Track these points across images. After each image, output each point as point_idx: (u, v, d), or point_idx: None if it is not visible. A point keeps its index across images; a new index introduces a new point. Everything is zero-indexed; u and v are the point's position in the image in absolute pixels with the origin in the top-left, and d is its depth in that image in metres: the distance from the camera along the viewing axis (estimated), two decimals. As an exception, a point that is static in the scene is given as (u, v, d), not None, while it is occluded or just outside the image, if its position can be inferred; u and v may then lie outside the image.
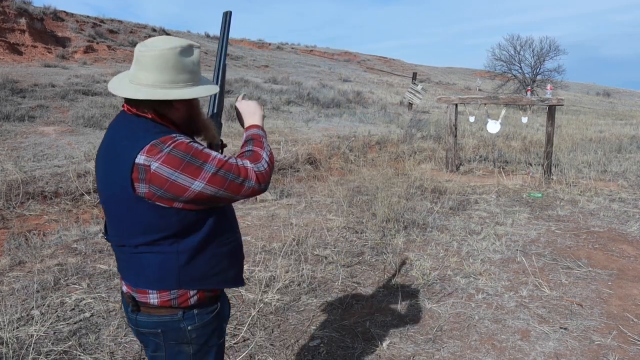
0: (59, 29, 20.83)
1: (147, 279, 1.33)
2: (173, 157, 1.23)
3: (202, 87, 1.38)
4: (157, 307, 1.35)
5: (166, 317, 1.35)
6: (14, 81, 11.51)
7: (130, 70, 1.34)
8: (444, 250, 4.31)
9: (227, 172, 1.29)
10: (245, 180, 1.32)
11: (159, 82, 1.29)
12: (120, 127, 1.35)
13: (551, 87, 7.86)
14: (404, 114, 15.26)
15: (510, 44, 28.10)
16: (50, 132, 8.22)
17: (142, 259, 1.33)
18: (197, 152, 1.26)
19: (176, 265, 1.32)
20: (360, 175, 7.30)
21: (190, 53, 1.34)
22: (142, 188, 1.24)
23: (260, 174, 1.35)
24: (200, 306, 1.39)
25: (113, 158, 1.30)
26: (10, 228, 4.55)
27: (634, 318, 3.12)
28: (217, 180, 1.27)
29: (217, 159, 1.29)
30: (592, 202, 5.99)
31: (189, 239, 1.33)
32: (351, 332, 2.92)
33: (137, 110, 1.33)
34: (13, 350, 2.51)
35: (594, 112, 24.80)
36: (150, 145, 1.23)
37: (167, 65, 1.29)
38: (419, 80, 21.01)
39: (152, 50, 1.28)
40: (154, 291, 1.34)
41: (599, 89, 56.24)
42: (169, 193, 1.24)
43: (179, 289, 1.34)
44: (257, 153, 1.40)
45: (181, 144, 1.26)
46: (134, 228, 1.31)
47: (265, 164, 1.38)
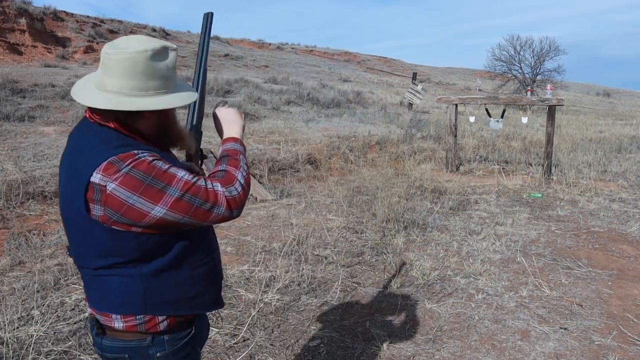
0: (59, 29, 20.83)
1: (110, 302, 1.21)
2: (131, 178, 1.09)
3: (176, 95, 1.22)
4: (121, 330, 1.22)
5: (133, 342, 1.23)
6: (14, 81, 11.52)
7: (97, 72, 1.20)
8: (444, 251, 4.31)
9: (193, 196, 1.14)
10: (214, 206, 1.16)
11: (126, 88, 1.15)
12: (80, 138, 1.21)
13: (551, 87, 7.86)
14: (404, 114, 15.26)
15: (510, 44, 28.11)
16: (50, 132, 8.22)
17: (104, 282, 1.20)
18: (160, 174, 1.12)
19: (141, 289, 1.19)
20: (360, 176, 7.30)
21: (164, 56, 1.19)
22: (96, 210, 1.11)
23: (233, 198, 1.19)
24: (171, 331, 1.26)
25: (71, 174, 1.16)
26: (10, 228, 4.55)
27: (634, 318, 3.12)
28: (181, 206, 1.13)
29: (183, 181, 1.14)
30: (592, 202, 5.99)
31: (154, 262, 1.19)
32: (351, 332, 2.92)
33: (100, 118, 1.19)
34: (13, 350, 2.51)
35: (594, 112, 24.80)
36: (107, 163, 1.10)
37: (136, 70, 1.14)
38: (419, 80, 21.02)
39: (119, 54, 1.13)
40: (118, 316, 1.21)
41: (599, 89, 56.23)
42: (125, 218, 1.11)
43: (145, 315, 1.21)
44: (231, 174, 1.24)
45: (142, 163, 1.11)
46: (91, 250, 1.18)
47: (239, 187, 1.22)
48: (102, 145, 1.14)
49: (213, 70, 20.86)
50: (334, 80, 25.00)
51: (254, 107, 13.25)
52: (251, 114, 12.29)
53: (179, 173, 1.15)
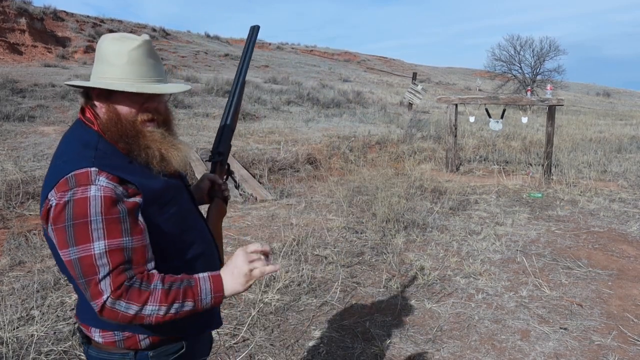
0: (59, 28, 20.83)
1: (89, 315, 1.14)
2: (63, 210, 1.00)
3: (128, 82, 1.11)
4: (102, 344, 1.16)
5: (116, 356, 1.16)
6: (14, 81, 11.52)
7: None
8: (444, 251, 4.31)
9: (82, 274, 1.01)
10: (92, 300, 1.02)
11: (93, 73, 1.15)
12: (63, 141, 1.16)
13: (551, 87, 7.86)
14: (404, 114, 15.26)
15: (510, 44, 28.10)
16: (50, 132, 8.22)
17: (81, 293, 1.13)
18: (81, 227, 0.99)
19: None
20: (360, 176, 7.30)
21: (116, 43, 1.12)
22: (50, 230, 1.04)
23: (111, 311, 1.01)
24: (156, 347, 1.17)
25: (45, 183, 1.09)
26: (10, 228, 4.55)
27: (634, 318, 3.12)
28: (71, 268, 1.02)
29: (89, 254, 0.99)
30: (592, 203, 5.99)
31: None
32: (351, 332, 2.92)
33: (89, 116, 1.15)
34: (13, 350, 2.51)
35: (594, 112, 24.80)
36: (65, 179, 1.02)
37: (99, 54, 1.13)
38: (419, 80, 21.02)
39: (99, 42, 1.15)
40: (96, 329, 1.15)
41: (599, 89, 56.22)
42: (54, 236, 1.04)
43: (122, 331, 1.14)
44: (146, 297, 1.02)
45: (83, 203, 0.99)
46: (61, 264, 1.10)
47: (134, 311, 1.01)
48: (75, 153, 1.08)
49: (213, 70, 20.87)
50: (334, 80, 25.00)
51: (254, 107, 13.25)
52: (251, 114, 12.29)
53: (97, 242, 1.00)
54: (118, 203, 1.03)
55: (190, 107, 12.73)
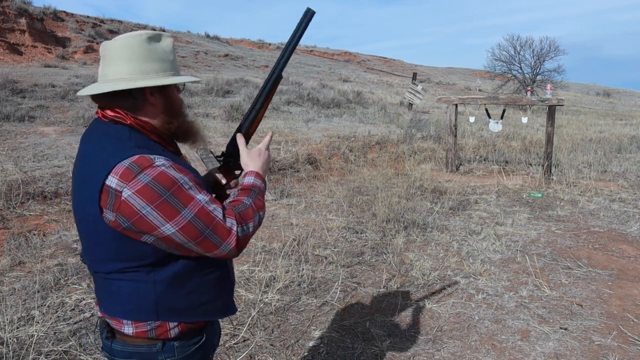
0: (59, 29, 20.84)
1: (121, 307, 1.19)
2: (150, 189, 1.07)
3: (176, 77, 1.22)
4: (131, 336, 1.21)
5: (143, 348, 1.21)
6: (14, 81, 11.52)
7: (100, 72, 1.22)
8: (444, 251, 4.31)
9: (206, 225, 1.11)
10: (222, 243, 1.13)
11: (125, 73, 1.15)
12: (93, 139, 1.19)
13: (551, 87, 7.86)
14: (404, 114, 15.27)
15: (510, 44, 28.11)
16: (50, 133, 8.23)
17: (115, 287, 1.19)
18: (179, 191, 1.09)
19: (153, 295, 1.18)
20: (360, 176, 7.30)
21: (158, 39, 1.21)
22: (109, 215, 1.09)
23: (244, 238, 1.17)
24: (182, 338, 1.24)
25: (85, 174, 1.14)
26: (10, 228, 4.55)
27: (634, 318, 3.12)
28: (190, 231, 1.10)
29: (200, 205, 1.11)
30: (592, 203, 5.99)
31: (166, 268, 1.18)
32: (351, 332, 2.92)
33: (114, 114, 1.18)
34: (13, 350, 2.51)
35: (594, 112, 24.80)
36: (125, 169, 1.07)
37: (134, 54, 1.15)
38: (419, 80, 21.03)
39: (115, 42, 1.17)
40: (128, 321, 1.20)
41: (599, 89, 56.24)
42: (135, 227, 1.09)
43: (156, 321, 1.20)
44: (251, 211, 1.21)
45: (163, 174, 1.09)
46: (104, 254, 1.17)
47: (252, 227, 1.20)
48: (115, 146, 1.13)
49: (213, 71, 20.88)
50: (334, 81, 25.01)
51: (254, 107, 13.24)
52: (251, 114, 12.27)
53: (198, 195, 1.13)
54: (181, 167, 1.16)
55: (190, 107, 12.74)
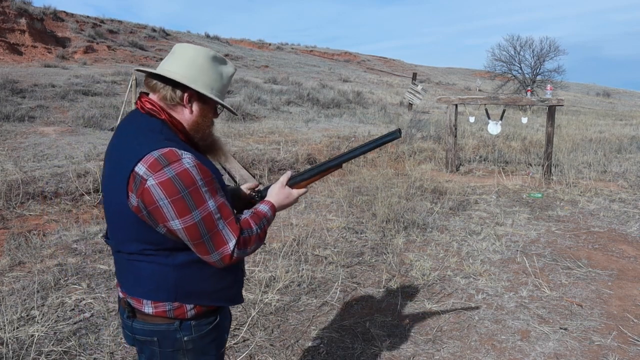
0: (59, 29, 20.84)
1: (142, 288, 1.28)
2: (172, 184, 1.16)
3: (217, 97, 1.35)
4: (151, 315, 1.30)
5: (162, 326, 1.30)
6: (14, 81, 11.52)
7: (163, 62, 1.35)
8: (444, 251, 4.31)
9: (207, 231, 1.21)
10: (215, 252, 1.23)
11: (183, 72, 1.29)
12: (129, 127, 1.31)
13: (551, 88, 7.86)
14: (404, 114, 15.27)
15: (510, 44, 28.12)
16: (50, 133, 8.23)
17: (137, 267, 1.28)
18: (195, 191, 1.19)
19: (173, 278, 1.27)
20: (360, 176, 7.30)
21: (223, 62, 1.36)
22: (132, 199, 1.19)
23: (237, 257, 1.26)
24: (198, 318, 1.34)
25: (117, 160, 1.25)
26: (10, 228, 4.55)
27: (633, 318, 3.12)
28: (193, 232, 1.20)
29: (209, 211, 1.21)
30: (592, 203, 5.99)
31: (184, 253, 1.27)
32: (351, 332, 2.92)
33: (151, 108, 1.30)
34: (13, 350, 2.51)
35: (594, 112, 24.81)
36: (154, 159, 1.17)
37: (195, 63, 1.30)
38: (419, 80, 21.02)
39: (188, 48, 1.32)
40: (148, 301, 1.29)
41: (599, 89, 56.24)
42: (151, 215, 1.19)
43: (174, 302, 1.29)
44: (254, 239, 1.31)
45: (186, 173, 1.18)
46: (127, 235, 1.26)
47: (249, 250, 1.30)
48: (147, 136, 1.23)
49: (213, 71, 20.86)
50: (334, 81, 25.01)
51: (254, 107, 13.26)
52: (251, 114, 12.30)
53: (210, 201, 1.22)
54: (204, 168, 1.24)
55: (190, 108, 12.71)
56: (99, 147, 7.34)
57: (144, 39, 25.10)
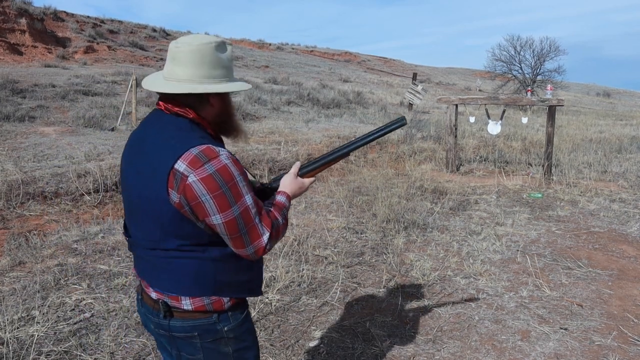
0: (59, 29, 20.84)
1: (181, 284, 1.30)
2: (213, 180, 1.20)
3: (236, 83, 1.36)
4: (190, 311, 1.32)
5: (202, 320, 1.33)
6: (14, 81, 11.52)
7: (165, 68, 1.33)
8: (444, 251, 4.31)
9: (245, 225, 1.26)
10: (250, 245, 1.28)
11: (196, 76, 1.28)
12: (158, 127, 1.31)
13: (551, 88, 7.85)
14: (404, 115, 15.26)
15: (510, 44, 28.11)
16: (50, 133, 8.23)
17: (176, 264, 1.29)
18: (235, 187, 1.23)
19: (210, 273, 1.30)
20: (361, 176, 7.30)
21: (224, 49, 1.34)
22: (174, 196, 1.21)
23: (268, 249, 1.31)
24: (233, 309, 1.38)
25: (151, 159, 1.26)
26: (11, 228, 4.55)
27: (634, 318, 3.12)
28: (232, 226, 1.24)
29: (245, 205, 1.25)
30: (592, 203, 5.99)
31: (221, 247, 1.31)
32: (351, 332, 2.92)
33: (179, 108, 1.30)
34: (13, 350, 2.51)
35: (594, 112, 24.81)
36: (194, 156, 1.20)
37: (204, 60, 1.28)
38: (419, 80, 21.03)
39: (188, 46, 1.27)
40: (187, 298, 1.31)
41: (599, 89, 56.24)
42: (193, 211, 1.22)
43: (212, 296, 1.32)
44: (281, 229, 1.37)
45: (225, 169, 1.22)
46: (166, 232, 1.27)
47: (275, 242, 1.35)
48: (181, 135, 1.25)
49: (213, 71, 20.87)
50: (334, 81, 25.01)
51: (254, 107, 13.26)
52: (251, 114, 12.30)
53: (247, 195, 1.26)
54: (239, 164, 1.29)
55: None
56: (99, 147, 7.35)
57: (144, 39, 25.12)
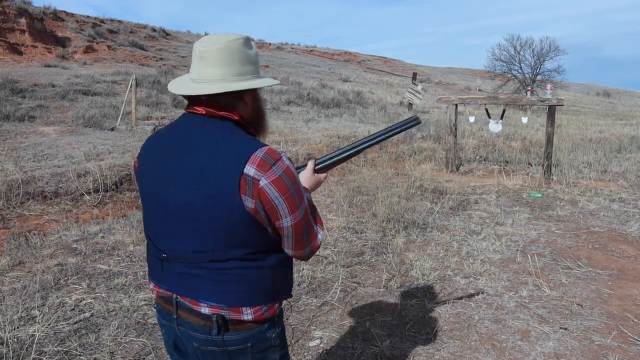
0: (59, 29, 20.84)
1: (242, 295, 1.24)
2: (282, 181, 1.17)
3: (265, 78, 1.31)
4: (248, 322, 1.27)
5: (254, 330, 1.28)
6: (14, 81, 11.52)
7: (192, 70, 1.26)
8: (444, 251, 4.31)
9: (307, 226, 1.25)
10: (308, 245, 1.28)
11: (228, 75, 1.22)
12: (201, 131, 1.23)
13: (551, 87, 7.86)
14: (404, 114, 15.27)
15: (510, 44, 28.14)
16: (50, 132, 8.23)
17: (237, 274, 1.23)
18: (298, 188, 1.22)
19: (269, 279, 1.27)
20: (361, 176, 7.30)
21: (250, 45, 1.30)
22: (248, 202, 1.16)
23: (319, 247, 1.30)
24: (280, 314, 1.37)
25: (205, 165, 1.18)
26: (11, 228, 4.55)
27: (634, 318, 3.12)
28: (298, 228, 1.23)
29: (306, 205, 1.24)
30: (592, 203, 5.99)
31: (278, 252, 1.28)
32: (351, 332, 2.93)
33: (224, 112, 1.23)
34: (13, 350, 2.51)
35: (594, 112, 24.82)
36: (260, 159, 1.16)
37: (234, 57, 1.23)
38: (419, 80, 21.02)
39: (216, 44, 1.22)
40: (248, 308, 1.26)
41: (599, 89, 56.26)
42: (267, 214, 1.19)
43: (268, 303, 1.29)
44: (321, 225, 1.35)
45: (289, 170, 1.20)
46: (228, 241, 1.20)
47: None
48: (237, 138, 1.20)
49: (213, 70, 20.88)
50: (334, 80, 25.01)
51: (254, 107, 13.24)
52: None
53: (305, 195, 1.26)
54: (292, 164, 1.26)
55: (190, 107, 12.70)
56: (99, 147, 7.35)
57: (144, 39, 25.11)
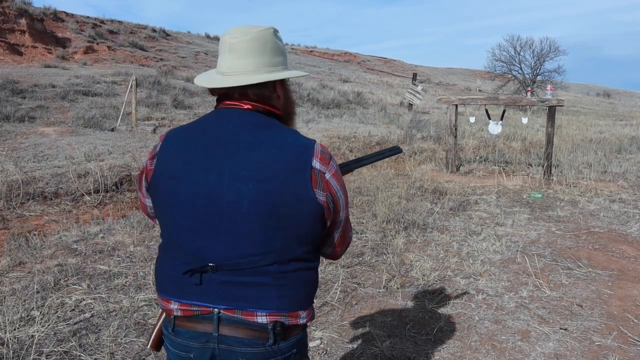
0: (59, 29, 20.85)
1: (299, 298, 1.19)
2: (339, 175, 1.19)
3: (295, 70, 1.28)
4: (300, 326, 1.22)
5: (299, 335, 1.23)
6: (14, 82, 11.53)
7: (221, 63, 1.19)
8: (444, 251, 4.31)
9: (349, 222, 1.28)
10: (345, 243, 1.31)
11: (261, 65, 1.17)
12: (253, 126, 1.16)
13: (551, 88, 7.86)
14: (404, 115, 15.28)
15: (510, 44, 28.15)
16: (50, 133, 8.23)
17: (295, 276, 1.18)
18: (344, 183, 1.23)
19: (315, 281, 1.27)
20: (361, 176, 7.30)
21: (279, 36, 1.26)
22: (319, 195, 1.14)
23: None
24: None
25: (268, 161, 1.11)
26: (11, 228, 4.55)
27: (634, 319, 3.12)
28: (347, 221, 1.25)
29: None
30: (592, 203, 5.99)
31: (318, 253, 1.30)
32: (351, 332, 2.92)
33: (268, 105, 1.19)
34: (13, 350, 2.51)
35: (594, 112, 24.82)
36: (320, 153, 1.15)
37: (266, 47, 1.18)
38: (419, 81, 21.03)
39: (248, 34, 1.16)
40: (304, 311, 1.21)
41: (599, 89, 56.29)
42: (333, 207, 1.17)
43: (312, 304, 1.28)
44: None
45: (336, 164, 1.21)
46: (297, 238, 1.15)
47: None
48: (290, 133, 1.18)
49: (213, 71, 20.87)
50: (334, 81, 25.02)
51: (254, 108, 13.24)
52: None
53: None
54: None
55: (191, 108, 12.74)
56: (99, 148, 7.35)
57: (144, 39, 25.12)
